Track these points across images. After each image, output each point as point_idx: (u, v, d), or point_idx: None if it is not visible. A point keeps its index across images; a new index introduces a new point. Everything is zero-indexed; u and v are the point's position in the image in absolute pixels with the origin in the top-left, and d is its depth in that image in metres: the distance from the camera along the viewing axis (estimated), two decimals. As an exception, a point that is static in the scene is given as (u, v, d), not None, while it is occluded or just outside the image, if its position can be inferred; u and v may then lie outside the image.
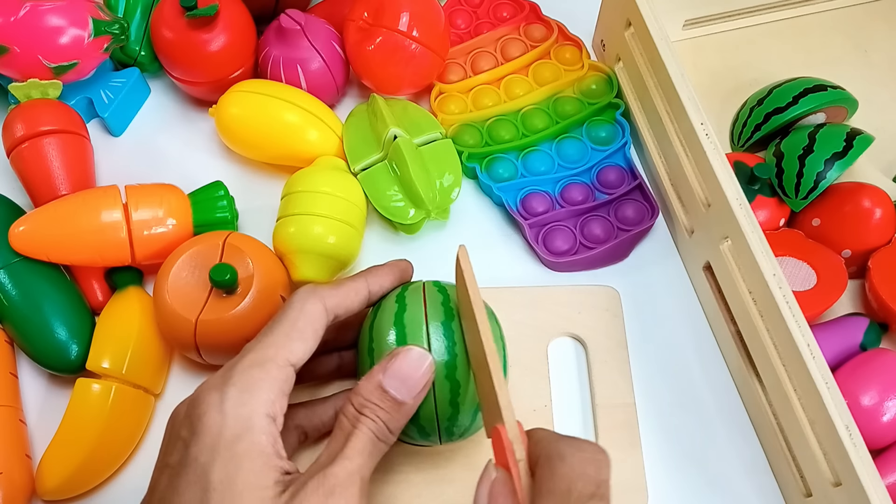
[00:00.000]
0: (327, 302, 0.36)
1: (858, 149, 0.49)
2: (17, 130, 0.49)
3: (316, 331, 0.35)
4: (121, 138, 0.56)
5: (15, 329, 0.46)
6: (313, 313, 0.35)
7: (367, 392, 0.34)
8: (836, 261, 0.48)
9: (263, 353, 0.34)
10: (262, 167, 0.55)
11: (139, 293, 0.48)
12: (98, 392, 0.44)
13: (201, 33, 0.51)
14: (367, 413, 0.34)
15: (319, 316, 0.36)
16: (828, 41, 0.61)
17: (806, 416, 0.41)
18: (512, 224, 0.53)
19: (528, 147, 0.55)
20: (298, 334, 0.35)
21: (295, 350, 0.34)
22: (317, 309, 0.36)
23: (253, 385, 0.33)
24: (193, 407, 0.33)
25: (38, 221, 0.46)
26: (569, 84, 0.56)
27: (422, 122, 0.53)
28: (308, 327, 0.35)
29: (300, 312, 0.35)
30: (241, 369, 0.33)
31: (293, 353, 0.34)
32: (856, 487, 0.37)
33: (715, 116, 0.57)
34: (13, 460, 0.43)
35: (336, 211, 0.47)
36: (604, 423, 0.45)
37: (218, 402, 0.32)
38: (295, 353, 0.34)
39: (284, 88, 0.52)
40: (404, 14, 0.51)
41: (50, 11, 0.49)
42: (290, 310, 0.35)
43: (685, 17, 0.59)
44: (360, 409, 0.34)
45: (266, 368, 0.33)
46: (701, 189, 0.47)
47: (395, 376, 0.34)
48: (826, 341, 0.46)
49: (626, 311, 0.50)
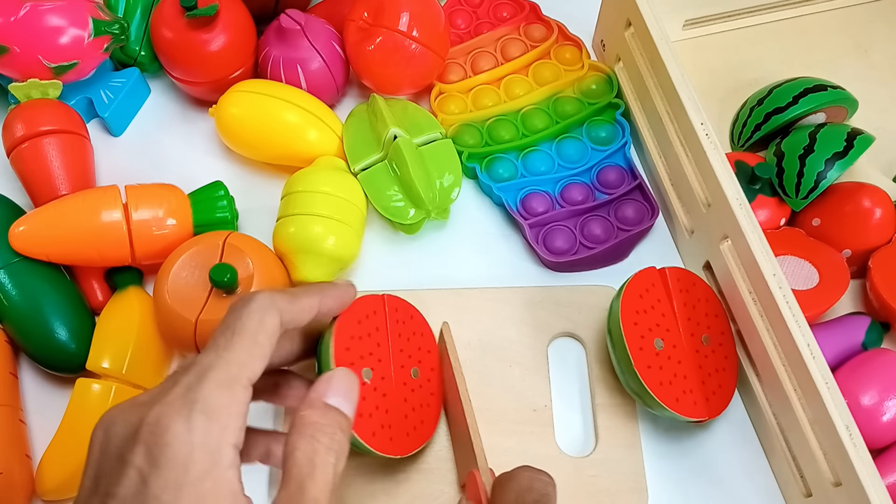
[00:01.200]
0: (284, 316, 0.33)
1: (859, 149, 0.49)
2: (17, 130, 0.49)
3: (272, 346, 0.33)
4: (121, 138, 0.56)
5: (15, 329, 0.46)
6: (271, 327, 0.32)
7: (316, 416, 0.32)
8: (838, 260, 0.48)
9: (227, 372, 0.30)
10: (262, 167, 0.55)
11: (139, 293, 0.48)
12: (98, 392, 0.44)
13: (201, 33, 0.51)
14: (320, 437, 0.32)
15: (275, 331, 0.33)
16: (828, 41, 0.61)
17: (806, 416, 0.41)
18: (512, 224, 0.53)
19: (528, 147, 0.55)
20: (259, 350, 0.32)
21: (256, 368, 0.31)
22: (275, 323, 0.33)
23: (220, 412, 0.29)
24: (153, 434, 0.28)
25: (38, 221, 0.46)
26: (569, 84, 0.56)
27: (422, 122, 0.53)
28: (267, 342, 0.32)
29: (260, 325, 0.32)
30: (208, 392, 0.29)
31: (254, 371, 0.31)
32: (856, 487, 0.37)
33: (715, 116, 0.57)
34: (13, 460, 0.43)
35: (336, 211, 0.47)
36: (604, 423, 0.45)
37: (185, 432, 0.28)
38: (255, 371, 0.31)
39: (284, 88, 0.52)
40: (404, 14, 0.51)
41: (50, 11, 0.49)
42: (248, 320, 0.32)
43: (685, 17, 0.59)
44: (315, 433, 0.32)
45: (233, 391, 0.30)
46: (701, 189, 0.47)
47: (337, 393, 0.33)
48: (827, 340, 0.46)
49: (626, 311, 0.50)
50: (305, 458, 0.31)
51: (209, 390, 0.29)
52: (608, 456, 0.45)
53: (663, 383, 0.42)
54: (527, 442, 0.45)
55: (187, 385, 0.30)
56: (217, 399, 0.29)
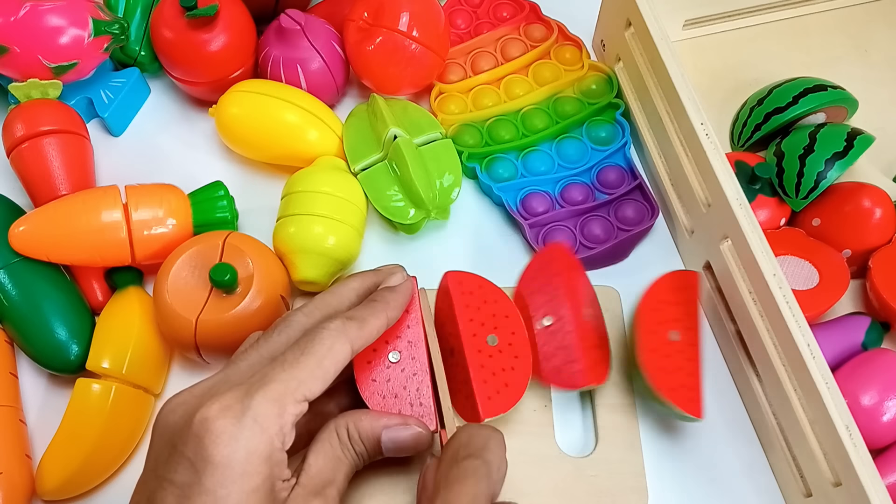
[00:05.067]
0: (354, 344, 0.36)
1: (859, 149, 0.49)
2: (17, 130, 0.49)
3: (337, 371, 0.35)
4: (121, 138, 0.57)
5: (15, 329, 0.46)
6: (340, 355, 0.35)
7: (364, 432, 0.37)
8: (839, 259, 0.48)
9: (286, 387, 0.33)
10: (262, 167, 0.55)
11: (139, 293, 0.48)
12: (98, 392, 0.44)
13: (201, 33, 0.51)
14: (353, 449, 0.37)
15: (344, 359, 0.35)
16: (828, 41, 0.61)
17: (806, 416, 0.41)
18: (512, 224, 0.53)
19: (528, 147, 0.55)
20: (322, 373, 0.34)
21: (315, 389, 0.34)
22: (344, 351, 0.35)
23: (271, 420, 0.32)
24: (205, 428, 0.31)
25: (38, 221, 0.46)
26: (569, 84, 0.56)
27: (422, 122, 0.53)
28: (332, 368, 0.35)
29: (329, 351, 0.35)
30: (262, 399, 0.32)
31: (312, 391, 0.34)
32: (856, 487, 0.37)
33: (715, 116, 0.57)
34: (13, 460, 0.43)
35: (336, 211, 0.47)
36: (604, 422, 0.45)
37: (235, 433, 0.31)
38: (314, 391, 0.34)
39: (284, 88, 0.52)
40: (404, 14, 0.51)
41: (50, 11, 0.49)
42: (318, 345, 0.35)
43: (685, 17, 0.59)
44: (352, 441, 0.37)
45: (284, 403, 0.33)
46: (701, 189, 0.47)
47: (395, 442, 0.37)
48: (828, 341, 0.46)
49: (626, 311, 0.50)
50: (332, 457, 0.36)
51: (264, 399, 0.32)
52: (608, 456, 0.45)
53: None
54: (527, 442, 0.45)
55: (246, 390, 0.32)
56: (270, 408, 0.32)
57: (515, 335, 0.44)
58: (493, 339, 0.43)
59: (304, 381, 0.33)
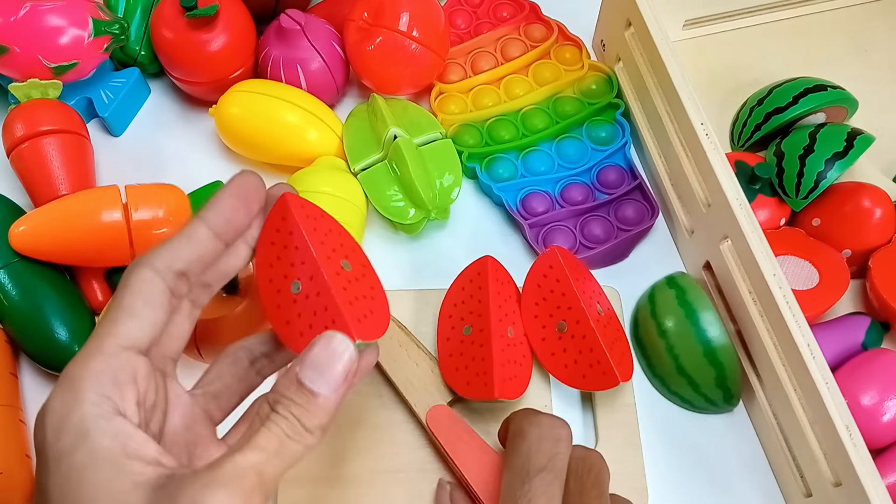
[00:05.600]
0: (156, 263, 0.31)
1: (859, 149, 0.49)
2: (17, 130, 0.49)
3: (149, 300, 0.30)
4: (121, 138, 0.57)
5: (15, 329, 0.46)
6: (137, 283, 0.30)
7: (282, 386, 0.30)
8: (838, 259, 0.48)
9: (87, 348, 0.29)
10: (262, 167, 0.55)
11: (139, 293, 0.48)
12: (98, 392, 0.44)
13: (201, 33, 0.51)
14: (279, 410, 0.29)
15: (147, 283, 0.31)
16: (828, 41, 0.61)
17: (806, 416, 0.41)
18: (512, 224, 0.53)
19: (528, 147, 0.55)
20: (125, 312, 0.30)
21: (126, 331, 0.30)
22: (141, 277, 0.31)
23: (76, 386, 0.28)
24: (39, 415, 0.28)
25: (38, 221, 0.46)
26: (569, 84, 0.56)
27: (422, 122, 0.53)
28: (137, 300, 0.30)
29: (123, 289, 0.30)
30: (64, 373, 0.29)
31: (123, 335, 0.30)
32: (856, 487, 0.37)
33: (715, 116, 0.57)
34: (13, 460, 0.43)
35: (336, 211, 0.47)
36: (604, 423, 0.45)
37: (42, 417, 0.28)
38: (127, 334, 0.30)
39: (284, 88, 0.52)
40: (404, 14, 0.51)
41: (50, 11, 0.49)
42: (117, 291, 0.31)
43: (685, 17, 0.59)
44: (274, 405, 0.30)
45: (89, 365, 0.29)
46: (701, 189, 0.47)
47: (312, 366, 0.30)
48: (827, 340, 0.46)
49: (625, 311, 0.50)
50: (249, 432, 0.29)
51: (65, 371, 0.29)
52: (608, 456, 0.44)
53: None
54: (527, 442, 0.45)
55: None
56: (71, 376, 0.28)
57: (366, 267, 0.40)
58: (347, 265, 0.38)
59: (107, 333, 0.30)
